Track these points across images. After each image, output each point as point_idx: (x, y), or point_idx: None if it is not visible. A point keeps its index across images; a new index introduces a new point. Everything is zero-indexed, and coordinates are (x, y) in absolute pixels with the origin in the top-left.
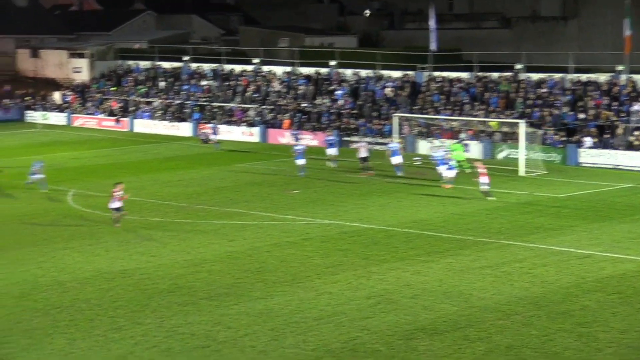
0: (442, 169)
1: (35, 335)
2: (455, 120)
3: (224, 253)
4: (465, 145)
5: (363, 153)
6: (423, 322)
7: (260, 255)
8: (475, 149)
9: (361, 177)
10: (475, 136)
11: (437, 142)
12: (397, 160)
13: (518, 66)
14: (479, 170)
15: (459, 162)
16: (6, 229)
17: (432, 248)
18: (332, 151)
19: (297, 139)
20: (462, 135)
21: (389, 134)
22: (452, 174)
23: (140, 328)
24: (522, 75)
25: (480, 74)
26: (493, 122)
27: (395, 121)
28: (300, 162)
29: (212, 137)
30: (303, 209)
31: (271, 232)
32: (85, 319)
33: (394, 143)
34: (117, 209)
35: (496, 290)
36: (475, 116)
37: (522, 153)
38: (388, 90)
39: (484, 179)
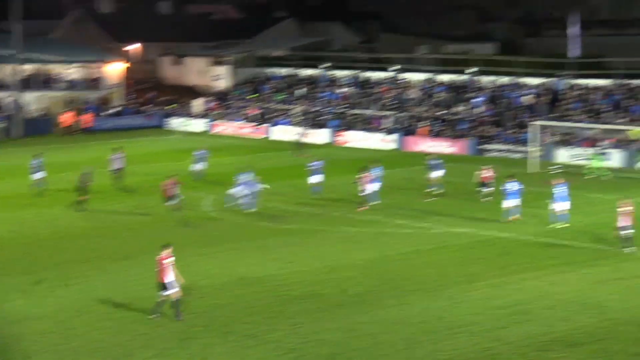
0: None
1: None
2: (594, 128)
3: (358, 260)
4: (605, 154)
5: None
6: (559, 333)
7: (394, 263)
8: (617, 158)
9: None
10: (618, 145)
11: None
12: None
13: None
14: (621, 209)
15: (596, 169)
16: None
17: (568, 258)
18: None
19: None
20: (604, 144)
21: (525, 142)
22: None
23: (275, 334)
24: None
25: (621, 81)
26: (633, 130)
27: (533, 129)
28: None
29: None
30: (438, 218)
31: (406, 240)
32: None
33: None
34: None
35: (635, 303)
36: (616, 124)
37: None
38: (526, 98)
39: (625, 221)
